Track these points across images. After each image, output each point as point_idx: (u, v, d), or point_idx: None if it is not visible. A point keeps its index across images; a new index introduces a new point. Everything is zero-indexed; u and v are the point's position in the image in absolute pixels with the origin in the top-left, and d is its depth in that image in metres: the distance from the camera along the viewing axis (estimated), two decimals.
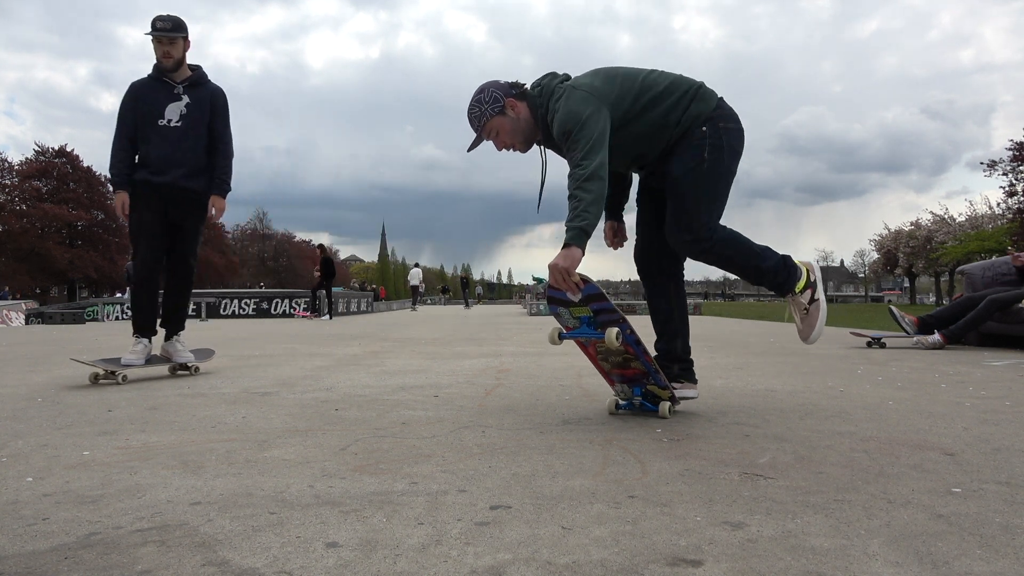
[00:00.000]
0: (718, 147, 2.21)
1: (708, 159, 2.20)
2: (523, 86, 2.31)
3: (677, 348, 2.43)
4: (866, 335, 5.65)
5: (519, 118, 2.27)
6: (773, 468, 1.56)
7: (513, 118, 2.26)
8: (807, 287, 2.29)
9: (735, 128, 2.27)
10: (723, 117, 2.24)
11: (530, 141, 2.33)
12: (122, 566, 1.01)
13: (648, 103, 2.21)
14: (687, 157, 2.21)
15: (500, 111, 2.25)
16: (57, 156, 47.18)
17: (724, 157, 2.23)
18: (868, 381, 3.17)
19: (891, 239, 47.11)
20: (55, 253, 42.79)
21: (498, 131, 2.28)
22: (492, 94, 2.25)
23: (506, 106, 2.25)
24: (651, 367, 2.18)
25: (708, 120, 2.22)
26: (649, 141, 2.26)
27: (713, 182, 2.23)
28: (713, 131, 2.22)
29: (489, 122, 2.27)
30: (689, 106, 2.22)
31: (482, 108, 2.26)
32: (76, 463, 1.65)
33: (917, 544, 1.08)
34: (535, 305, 18.12)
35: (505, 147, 2.34)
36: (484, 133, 2.30)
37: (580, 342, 2.26)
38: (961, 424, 2.09)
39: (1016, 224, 30.73)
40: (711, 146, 2.21)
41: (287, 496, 1.36)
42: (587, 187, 2.01)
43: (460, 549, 1.07)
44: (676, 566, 1.00)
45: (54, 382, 3.29)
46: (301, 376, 3.50)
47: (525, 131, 2.29)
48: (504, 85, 2.28)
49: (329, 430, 2.04)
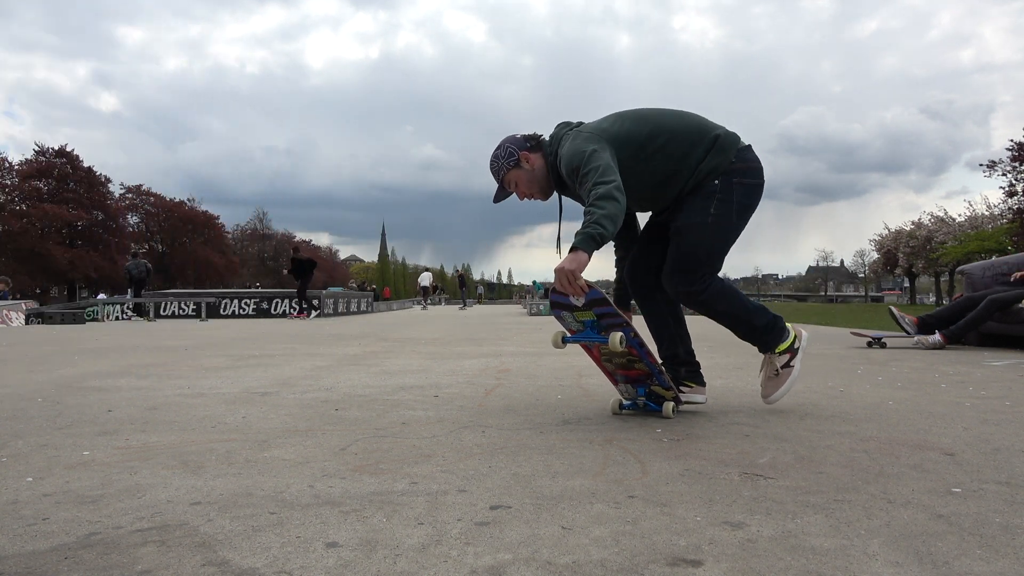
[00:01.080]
0: (727, 202, 2.22)
1: (715, 214, 2.21)
2: (539, 137, 2.37)
3: (680, 353, 2.45)
4: (866, 335, 5.65)
5: (534, 169, 2.33)
6: (773, 468, 1.56)
7: (528, 170, 2.32)
8: (787, 351, 2.31)
9: (750, 184, 2.26)
10: (739, 172, 2.23)
11: (547, 191, 2.38)
12: (122, 566, 1.01)
13: (660, 147, 2.21)
14: (695, 208, 2.23)
15: (515, 164, 2.32)
16: (57, 156, 47.19)
17: (732, 214, 2.23)
18: (868, 381, 3.17)
19: (891, 239, 47.11)
20: (55, 253, 42.79)
21: (516, 183, 2.35)
22: (507, 149, 2.33)
23: (520, 159, 2.32)
24: (655, 368, 2.19)
25: (723, 174, 2.22)
26: (662, 186, 2.26)
27: (716, 237, 2.25)
28: (726, 186, 2.22)
29: (506, 175, 2.34)
30: (705, 157, 2.22)
31: (499, 163, 2.34)
32: (76, 463, 1.65)
33: (917, 544, 1.08)
34: (535, 305, 18.12)
35: (526, 196, 2.40)
36: (505, 185, 2.38)
37: (584, 345, 2.27)
38: (961, 424, 2.09)
39: (1016, 224, 30.72)
40: (719, 200, 2.22)
41: (287, 496, 1.36)
42: (602, 204, 2.01)
43: (460, 549, 1.07)
44: (676, 566, 1.00)
45: (54, 382, 3.29)
46: (301, 376, 3.50)
47: (540, 181, 2.35)
48: (519, 139, 2.35)
49: (329, 430, 2.04)
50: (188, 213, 57.41)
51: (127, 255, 19.34)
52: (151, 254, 54.49)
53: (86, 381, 3.29)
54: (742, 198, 2.24)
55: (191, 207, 58.34)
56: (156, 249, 56.58)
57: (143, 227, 56.71)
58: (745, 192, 2.24)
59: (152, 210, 56.41)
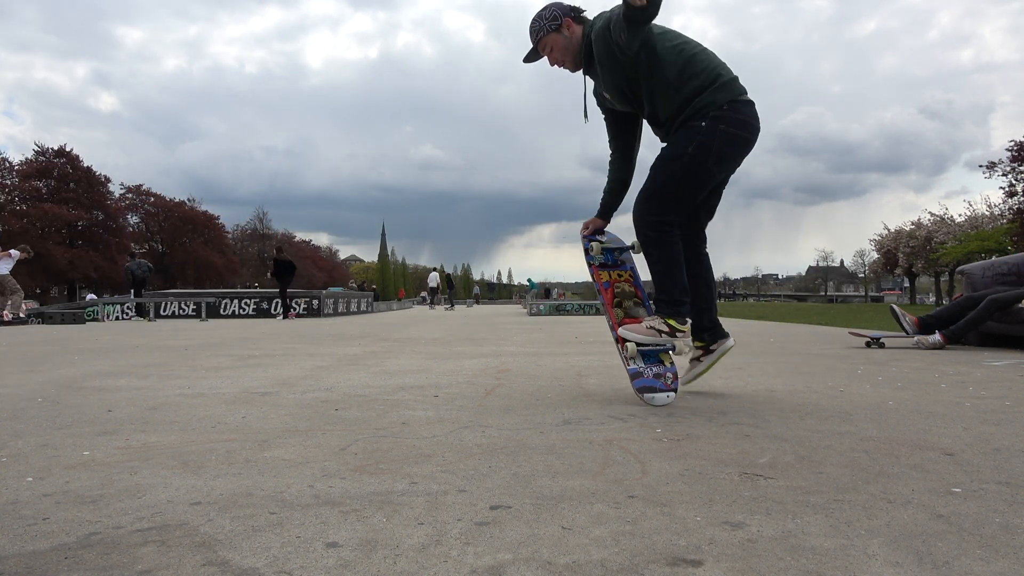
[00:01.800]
0: (706, 146, 2.28)
1: (691, 152, 2.29)
2: (583, 11, 2.44)
3: (704, 321, 2.63)
4: (865, 335, 5.65)
5: (572, 38, 2.40)
6: (773, 468, 1.56)
7: (567, 36, 2.40)
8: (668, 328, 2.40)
9: (735, 135, 2.30)
10: (728, 120, 2.28)
11: (578, 63, 2.45)
12: (122, 566, 1.01)
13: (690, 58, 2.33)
14: (677, 142, 2.34)
15: (556, 28, 2.39)
16: (57, 156, 47.21)
17: (707, 158, 2.30)
18: (868, 381, 3.17)
19: (891, 239, 47.12)
20: (55, 253, 42.83)
21: (552, 47, 2.42)
22: (552, 11, 2.40)
23: (563, 25, 2.39)
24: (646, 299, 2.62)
25: (712, 117, 2.27)
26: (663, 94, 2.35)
27: (686, 174, 2.32)
28: (711, 128, 2.27)
29: (545, 37, 2.40)
30: (704, 90, 2.29)
31: (541, 23, 2.40)
32: (76, 463, 1.65)
33: (917, 544, 1.08)
34: (535, 305, 18.13)
35: (556, 63, 2.47)
36: (540, 47, 2.44)
37: (601, 285, 2.71)
38: (961, 424, 2.09)
39: (1016, 224, 30.71)
40: (699, 143, 2.28)
41: (287, 496, 1.36)
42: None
43: (460, 549, 1.07)
44: (676, 566, 1.00)
45: (54, 382, 3.29)
46: (301, 376, 3.50)
47: (574, 51, 2.42)
48: (566, 6, 2.41)
49: (329, 430, 2.04)
50: (188, 213, 57.41)
51: (126, 255, 19.34)
52: (151, 254, 54.50)
53: (86, 381, 3.29)
54: (724, 145, 2.30)
55: (191, 207, 58.35)
56: (156, 249, 56.59)
57: (143, 227, 56.70)
58: (728, 140, 2.30)
59: (152, 210, 56.43)
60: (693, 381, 2.78)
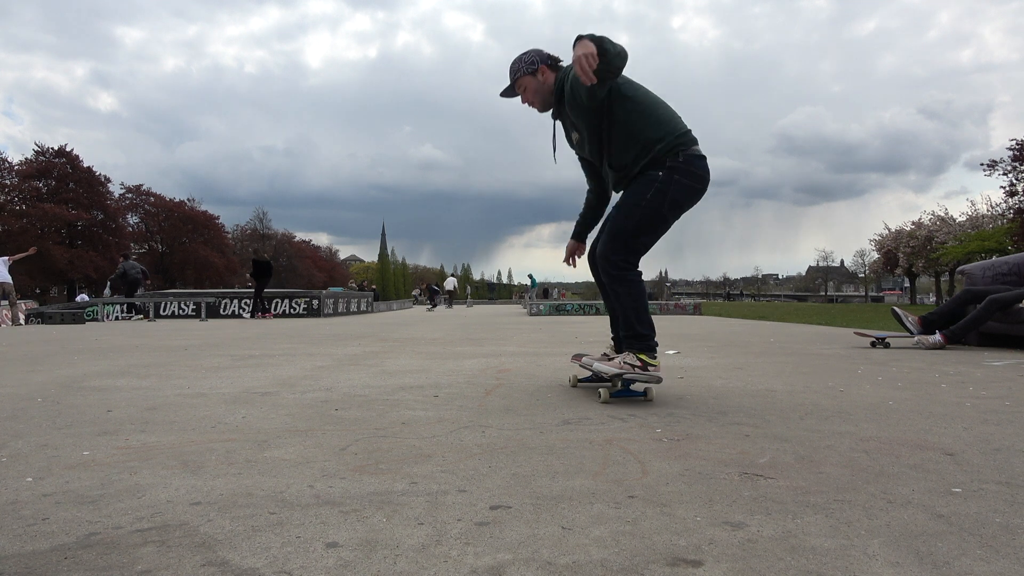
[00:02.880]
0: (662, 193, 2.52)
1: (649, 199, 2.52)
2: (559, 61, 2.68)
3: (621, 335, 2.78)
4: (870, 335, 5.65)
5: (544, 83, 2.66)
6: (773, 468, 1.56)
7: (540, 81, 2.66)
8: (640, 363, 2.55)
9: (688, 185, 2.56)
10: (682, 171, 2.53)
11: (547, 105, 2.71)
12: (122, 566, 1.01)
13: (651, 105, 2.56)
14: (636, 189, 2.57)
15: (532, 72, 2.65)
16: (57, 156, 47.18)
17: (663, 205, 2.53)
18: (868, 381, 3.16)
19: (891, 239, 47.08)
20: (55, 253, 42.78)
21: (526, 87, 2.68)
22: (532, 57, 2.67)
23: (539, 70, 2.65)
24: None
25: (669, 167, 2.52)
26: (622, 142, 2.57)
27: (644, 218, 2.55)
28: (667, 179, 2.52)
29: (522, 78, 2.67)
30: (663, 140, 2.53)
31: (520, 65, 2.67)
32: (76, 463, 1.65)
33: (917, 544, 1.08)
34: (535, 305, 18.13)
35: (527, 102, 2.72)
36: (516, 86, 2.70)
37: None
38: (961, 424, 2.09)
39: (1017, 224, 30.69)
40: (657, 190, 2.52)
41: (287, 496, 1.36)
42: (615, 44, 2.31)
43: (460, 549, 1.07)
44: (676, 566, 1.00)
45: (54, 382, 3.29)
46: (301, 376, 3.50)
47: (544, 95, 2.68)
48: (544, 55, 2.68)
49: (329, 430, 2.04)
50: (188, 213, 57.37)
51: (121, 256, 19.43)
52: (151, 254, 54.48)
53: (86, 381, 3.29)
54: (677, 195, 2.54)
55: (191, 207, 58.31)
56: (156, 249, 56.57)
57: (143, 227, 56.69)
58: (681, 190, 2.54)
59: (152, 210, 56.38)
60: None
